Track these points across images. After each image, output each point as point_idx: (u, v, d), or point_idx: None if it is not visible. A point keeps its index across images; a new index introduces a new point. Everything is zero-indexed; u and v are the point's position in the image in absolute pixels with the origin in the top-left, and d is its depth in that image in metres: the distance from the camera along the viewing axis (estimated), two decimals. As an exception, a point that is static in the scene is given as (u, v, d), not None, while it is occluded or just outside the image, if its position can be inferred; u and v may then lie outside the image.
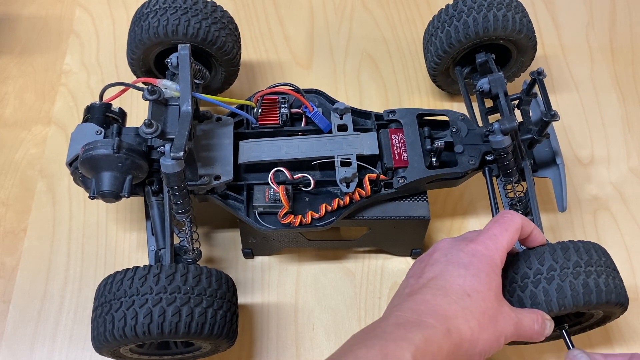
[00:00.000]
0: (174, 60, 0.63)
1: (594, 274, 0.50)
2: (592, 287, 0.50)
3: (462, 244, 0.49)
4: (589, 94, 0.84)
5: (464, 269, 0.47)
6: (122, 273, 0.53)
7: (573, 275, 0.50)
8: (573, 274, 0.50)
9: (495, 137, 0.58)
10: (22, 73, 0.85)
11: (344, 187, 0.59)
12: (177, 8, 0.67)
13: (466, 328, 0.44)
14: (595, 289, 0.50)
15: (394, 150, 0.62)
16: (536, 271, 0.51)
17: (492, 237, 0.50)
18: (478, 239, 0.49)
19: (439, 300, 0.45)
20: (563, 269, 0.50)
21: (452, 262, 0.48)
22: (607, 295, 0.50)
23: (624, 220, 0.73)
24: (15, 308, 0.66)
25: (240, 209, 0.61)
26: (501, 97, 0.62)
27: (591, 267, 0.51)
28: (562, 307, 0.49)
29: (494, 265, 0.48)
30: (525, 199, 0.62)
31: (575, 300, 0.49)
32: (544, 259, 0.51)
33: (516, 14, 0.68)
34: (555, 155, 0.64)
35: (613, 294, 0.50)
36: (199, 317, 0.51)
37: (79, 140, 0.59)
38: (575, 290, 0.49)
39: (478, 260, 0.48)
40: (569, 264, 0.50)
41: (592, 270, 0.51)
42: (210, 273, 0.54)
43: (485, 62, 0.70)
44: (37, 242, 0.71)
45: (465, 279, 0.47)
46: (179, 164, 0.53)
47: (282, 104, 0.65)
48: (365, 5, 0.94)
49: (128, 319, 0.50)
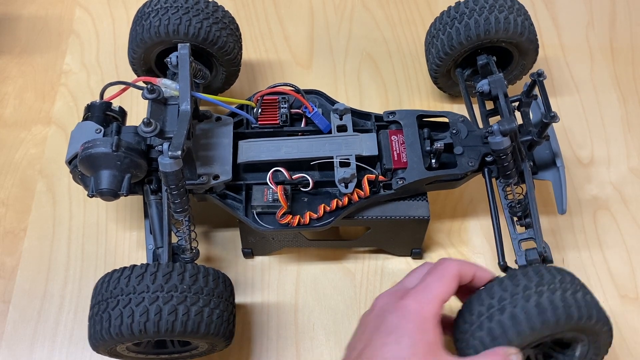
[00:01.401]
0: (173, 60, 0.63)
1: (546, 293, 0.47)
2: (546, 305, 0.46)
3: (394, 301, 0.48)
4: (589, 94, 0.84)
5: (388, 336, 0.46)
6: (119, 271, 0.53)
7: (524, 299, 0.47)
8: (524, 297, 0.47)
9: (495, 138, 0.58)
10: (22, 73, 0.85)
11: (342, 187, 0.59)
12: (179, 8, 0.67)
13: None
14: (550, 307, 0.46)
15: (394, 151, 0.62)
16: (489, 306, 0.48)
17: (425, 289, 0.48)
18: (410, 293, 0.48)
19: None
20: (514, 296, 0.47)
21: (378, 329, 0.47)
22: (567, 310, 0.46)
23: (624, 220, 0.73)
24: (15, 308, 0.66)
25: (239, 209, 0.61)
26: (501, 98, 0.62)
27: (543, 287, 0.47)
28: (520, 334, 0.46)
29: (424, 322, 0.46)
30: (525, 201, 0.61)
31: (531, 324, 0.46)
32: (493, 292, 0.49)
33: (518, 17, 0.68)
34: (555, 157, 0.64)
35: (574, 308, 0.46)
36: (195, 316, 0.51)
37: (79, 139, 0.59)
38: (529, 313, 0.46)
39: (406, 321, 0.46)
40: (519, 289, 0.47)
41: (544, 289, 0.47)
42: (207, 272, 0.54)
43: (486, 65, 0.70)
44: (37, 242, 0.71)
45: (389, 347, 0.46)
46: (177, 162, 0.53)
47: (282, 104, 0.65)
48: (365, 5, 0.94)
49: (124, 317, 0.50)
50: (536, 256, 0.59)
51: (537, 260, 0.59)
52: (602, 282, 0.69)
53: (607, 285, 0.69)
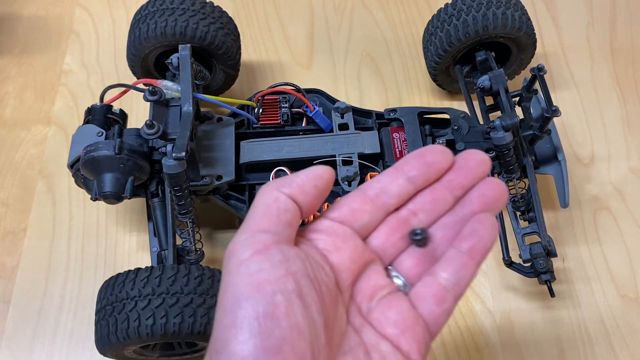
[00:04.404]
0: (174, 61, 0.63)
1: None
2: None
3: None
4: (589, 94, 0.84)
5: None
6: (124, 275, 0.53)
7: None
8: None
9: (497, 134, 0.58)
10: (22, 73, 0.85)
11: (345, 186, 0.59)
12: (175, 9, 0.67)
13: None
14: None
15: (396, 148, 0.62)
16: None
17: None
18: None
19: None
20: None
21: None
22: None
23: (624, 220, 0.73)
24: (15, 308, 0.66)
25: (242, 209, 0.61)
26: (502, 93, 0.62)
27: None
28: None
29: None
30: (528, 195, 0.62)
31: None
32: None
33: (515, 12, 0.68)
34: (556, 151, 0.64)
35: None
36: (201, 318, 0.51)
37: (80, 142, 0.59)
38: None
39: None
40: None
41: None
42: (212, 273, 0.54)
43: (485, 60, 0.70)
44: (37, 242, 0.70)
45: None
46: (181, 164, 0.52)
47: (283, 104, 0.65)
48: (365, 5, 0.93)
49: (131, 320, 0.50)
50: (540, 250, 0.59)
51: (541, 253, 0.59)
52: (602, 282, 0.69)
53: (607, 285, 0.69)
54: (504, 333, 0.66)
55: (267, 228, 0.30)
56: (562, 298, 0.68)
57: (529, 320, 0.66)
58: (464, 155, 0.34)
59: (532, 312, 0.67)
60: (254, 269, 0.28)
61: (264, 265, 0.28)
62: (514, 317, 0.67)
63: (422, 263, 0.33)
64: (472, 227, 0.32)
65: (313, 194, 0.32)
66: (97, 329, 0.53)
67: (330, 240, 0.32)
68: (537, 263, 0.60)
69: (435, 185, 0.34)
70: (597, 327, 0.66)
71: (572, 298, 0.68)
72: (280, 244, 0.29)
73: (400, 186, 0.33)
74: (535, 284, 0.66)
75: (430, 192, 0.34)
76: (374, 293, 0.32)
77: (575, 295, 0.68)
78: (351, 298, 0.32)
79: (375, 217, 0.33)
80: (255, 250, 0.29)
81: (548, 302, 0.67)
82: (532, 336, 0.66)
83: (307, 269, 0.29)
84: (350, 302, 0.32)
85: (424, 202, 0.34)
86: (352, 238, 0.32)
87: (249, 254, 0.29)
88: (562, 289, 0.68)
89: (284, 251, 0.29)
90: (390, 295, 0.32)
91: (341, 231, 0.32)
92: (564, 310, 0.67)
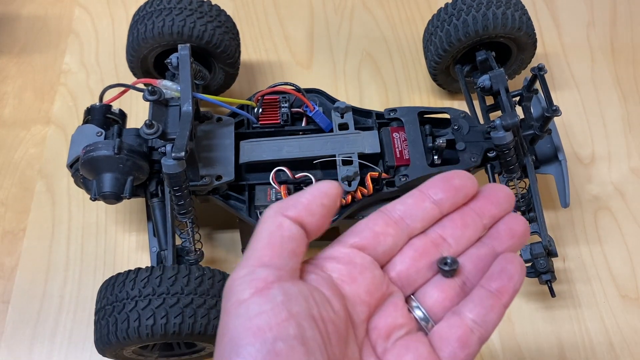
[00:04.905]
0: (174, 61, 0.62)
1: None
2: None
3: None
4: (589, 94, 0.84)
5: None
6: (124, 275, 0.53)
7: None
8: None
9: (497, 133, 0.58)
10: (21, 73, 0.85)
11: (345, 185, 0.59)
12: (172, 9, 0.66)
13: None
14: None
15: (396, 148, 0.62)
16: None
17: None
18: None
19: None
20: None
21: None
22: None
23: (625, 220, 0.73)
24: (15, 308, 0.66)
25: (242, 210, 0.60)
26: (502, 93, 0.62)
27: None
28: None
29: None
30: (528, 195, 0.61)
31: None
32: None
33: (515, 12, 0.68)
34: (557, 151, 0.64)
35: None
36: (202, 318, 0.50)
37: (80, 142, 0.59)
38: None
39: None
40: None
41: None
42: (212, 273, 0.54)
43: (485, 60, 0.70)
44: (36, 243, 0.70)
45: None
46: (181, 164, 0.52)
47: (283, 104, 0.65)
48: (365, 4, 0.93)
49: (131, 321, 0.49)
50: (541, 250, 0.59)
51: (542, 253, 0.59)
52: (603, 282, 0.69)
53: (608, 285, 0.69)
54: (504, 333, 0.66)
55: (268, 262, 0.28)
56: (563, 298, 0.68)
57: (529, 321, 0.66)
58: (491, 186, 0.32)
59: (532, 312, 0.67)
60: (254, 311, 0.26)
61: (265, 308, 0.26)
62: (514, 317, 0.66)
63: (449, 297, 0.31)
64: (501, 266, 0.30)
65: (320, 213, 0.30)
66: (97, 329, 0.52)
67: (346, 270, 0.30)
68: (537, 263, 0.60)
69: (464, 209, 0.32)
70: (598, 327, 0.66)
71: (573, 298, 0.68)
72: (282, 281, 0.28)
73: (425, 209, 0.31)
74: (535, 284, 0.66)
75: (461, 216, 0.32)
76: (391, 332, 0.30)
77: (575, 295, 0.68)
78: (366, 334, 0.30)
79: (399, 242, 0.31)
80: (256, 289, 0.27)
81: (548, 302, 0.67)
82: (532, 336, 0.66)
83: (311, 309, 0.27)
84: (365, 338, 0.29)
85: (454, 226, 0.32)
86: (370, 268, 0.31)
87: (249, 293, 0.27)
88: (562, 289, 0.68)
89: (286, 289, 0.27)
90: (408, 336, 0.30)
91: (359, 260, 0.31)
92: (565, 310, 0.67)
